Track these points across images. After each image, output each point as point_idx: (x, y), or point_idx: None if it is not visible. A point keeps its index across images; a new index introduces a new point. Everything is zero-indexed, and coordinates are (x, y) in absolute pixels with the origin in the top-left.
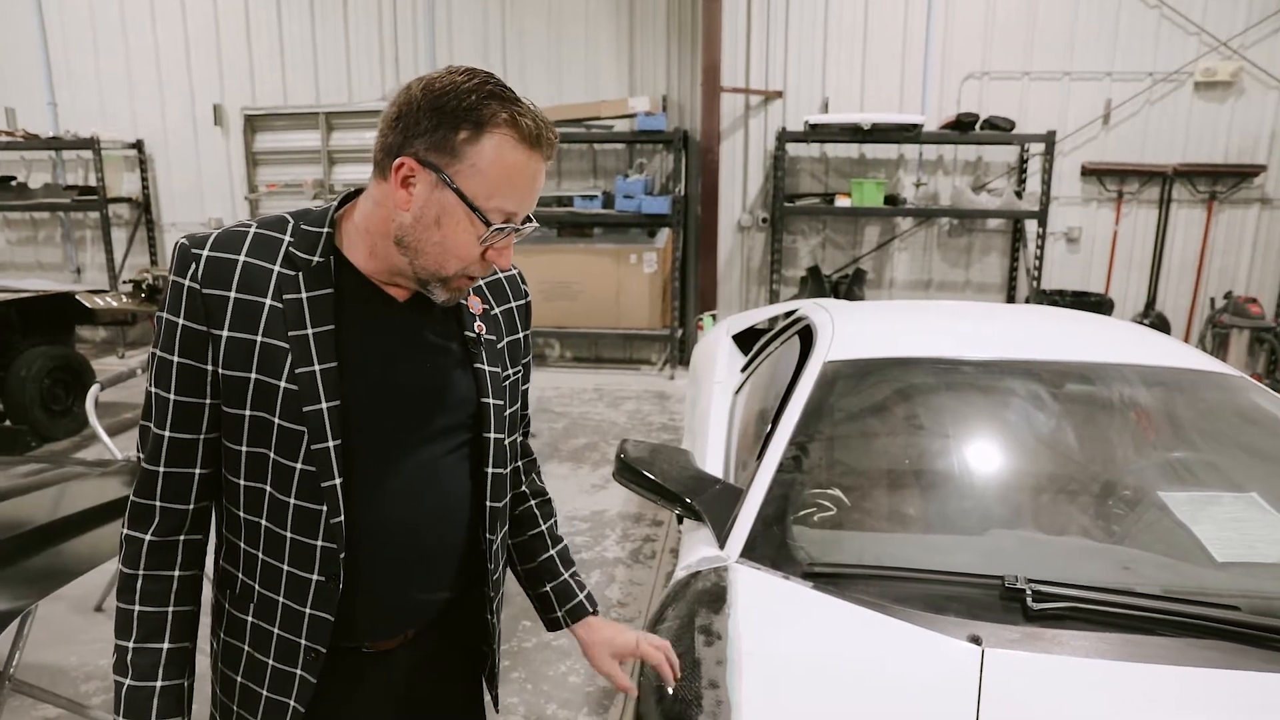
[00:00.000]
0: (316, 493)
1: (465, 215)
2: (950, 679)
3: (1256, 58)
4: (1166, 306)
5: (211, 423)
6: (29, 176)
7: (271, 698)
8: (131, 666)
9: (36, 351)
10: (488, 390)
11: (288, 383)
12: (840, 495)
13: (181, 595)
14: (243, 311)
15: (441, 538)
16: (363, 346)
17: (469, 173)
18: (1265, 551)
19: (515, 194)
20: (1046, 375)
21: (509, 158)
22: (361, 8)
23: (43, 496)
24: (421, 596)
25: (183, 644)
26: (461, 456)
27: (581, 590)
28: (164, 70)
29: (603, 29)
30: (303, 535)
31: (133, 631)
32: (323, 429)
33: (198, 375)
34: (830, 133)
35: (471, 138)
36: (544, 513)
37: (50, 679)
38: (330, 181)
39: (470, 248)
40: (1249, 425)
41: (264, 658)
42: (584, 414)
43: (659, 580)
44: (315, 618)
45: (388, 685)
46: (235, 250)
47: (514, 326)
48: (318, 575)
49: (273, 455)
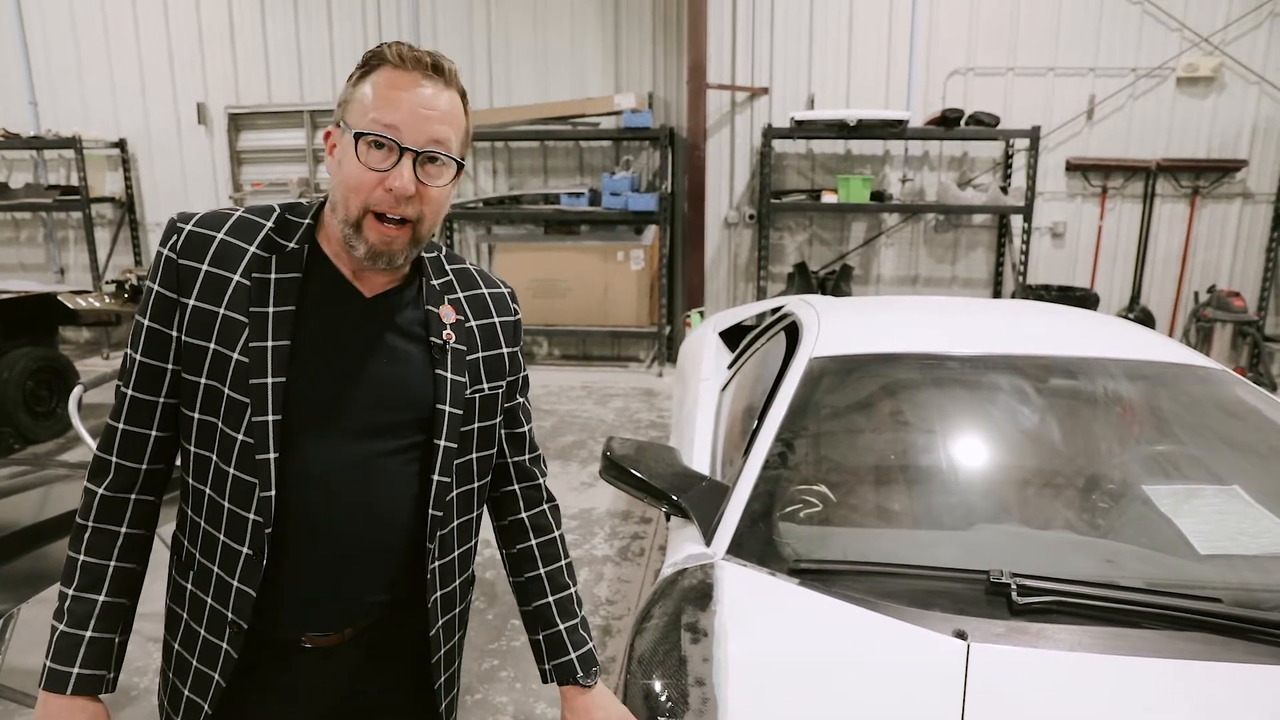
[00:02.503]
0: (252, 465)
1: (350, 144)
2: (936, 673)
3: (1237, 53)
4: (1151, 301)
5: (171, 388)
6: (10, 176)
7: (200, 669)
8: (67, 613)
9: (19, 353)
10: (445, 397)
11: (240, 355)
12: (826, 491)
13: (125, 552)
14: (211, 284)
15: (375, 534)
16: (320, 332)
17: (355, 108)
18: (1247, 544)
19: (391, 107)
20: (1031, 370)
21: (382, 80)
22: (345, 6)
23: (26, 499)
24: (354, 594)
25: (119, 600)
26: (409, 459)
27: (576, 648)
28: (146, 69)
29: (588, 27)
30: (238, 507)
31: (74, 580)
32: (264, 402)
33: (163, 340)
34: (816, 129)
35: (358, 81)
36: (545, 553)
37: (32, 684)
38: (315, 180)
39: (362, 175)
40: (1231, 419)
41: (197, 627)
42: (572, 411)
43: (648, 577)
44: (240, 591)
45: (328, 682)
46: (216, 228)
47: (494, 342)
48: (247, 549)
49: (220, 425)
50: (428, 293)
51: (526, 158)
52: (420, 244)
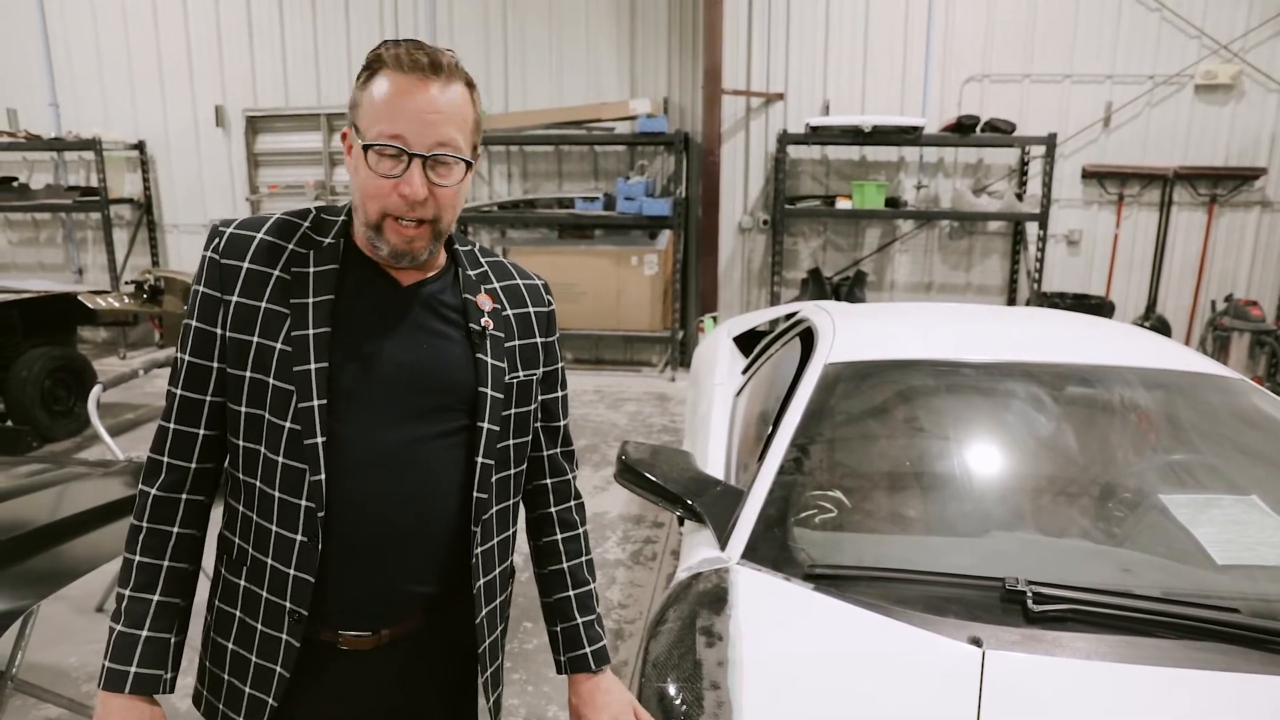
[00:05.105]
0: (301, 451)
1: (361, 151)
2: (951, 680)
3: (1257, 60)
4: (1167, 309)
5: (218, 386)
6: (31, 177)
7: (260, 664)
8: (124, 614)
9: (38, 352)
10: (486, 380)
11: (283, 344)
12: (841, 497)
13: (178, 552)
14: (253, 280)
15: (421, 518)
16: (360, 318)
17: (362, 114)
18: (1265, 554)
19: (396, 115)
20: (1047, 378)
21: (386, 86)
22: (362, 10)
23: (44, 497)
24: (399, 583)
25: (174, 599)
26: (453, 444)
27: (590, 643)
28: (166, 71)
29: (604, 31)
30: (289, 495)
31: (130, 580)
32: (309, 388)
33: (209, 338)
34: (831, 135)
35: (364, 84)
36: (570, 549)
37: (52, 679)
38: (331, 183)
39: (375, 183)
40: (1249, 428)
41: (254, 622)
42: (585, 415)
43: (660, 582)
44: (298, 579)
45: (362, 689)
46: (256, 229)
47: (529, 331)
48: (301, 536)
49: (267, 415)
50: (464, 282)
51: (541, 162)
52: (442, 238)
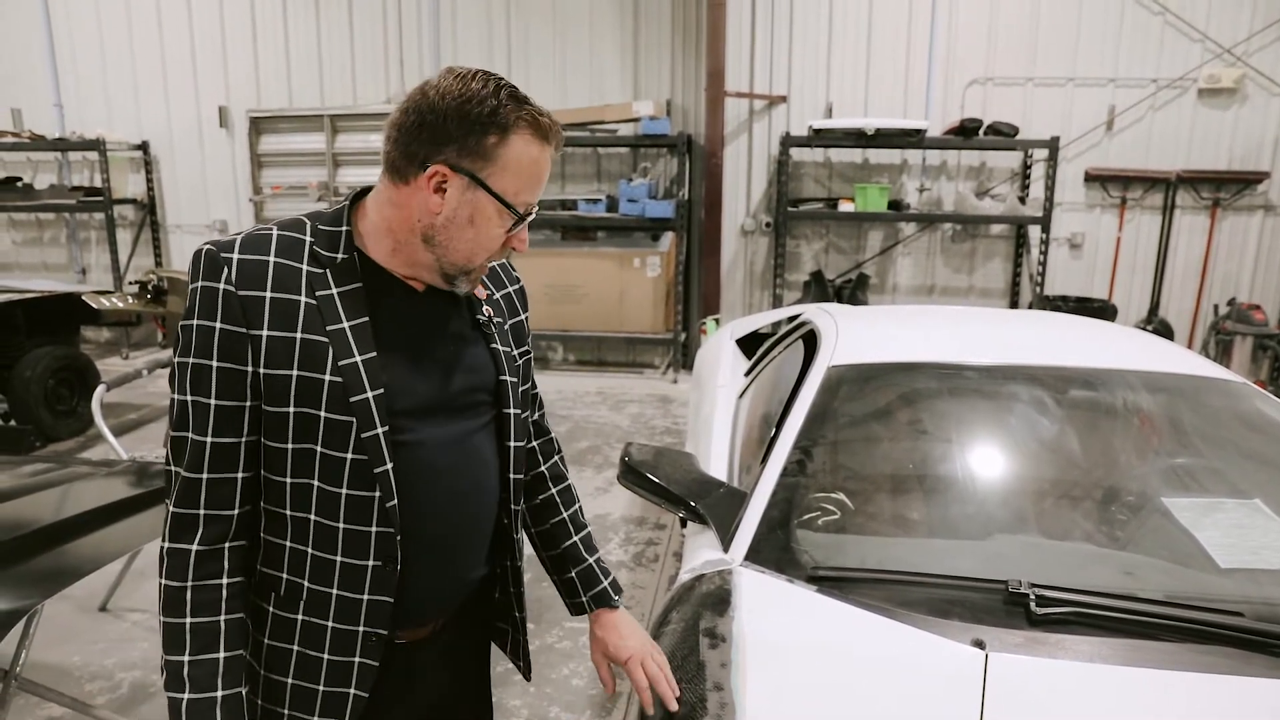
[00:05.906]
0: (369, 480)
1: (497, 212)
2: (954, 683)
3: (1260, 64)
4: (1169, 313)
5: (252, 425)
6: (35, 177)
7: (330, 691)
8: (190, 680)
9: (42, 352)
10: (505, 368)
11: (332, 376)
12: (844, 499)
13: (232, 603)
14: (280, 310)
15: (477, 511)
16: (395, 335)
17: (499, 173)
18: (1268, 558)
19: (536, 186)
20: (1049, 381)
21: (530, 154)
22: (366, 11)
23: (47, 497)
24: (460, 573)
25: (237, 651)
26: (488, 434)
27: (605, 577)
28: (170, 72)
29: (607, 33)
30: (356, 524)
31: (186, 645)
32: (370, 417)
33: (239, 377)
34: (834, 138)
35: (500, 141)
36: (565, 499)
37: (55, 678)
38: (335, 184)
39: (498, 240)
40: (1252, 431)
41: (318, 654)
42: (587, 417)
43: (662, 583)
44: (374, 602)
45: (416, 678)
46: (264, 252)
47: (514, 309)
48: (374, 561)
49: (320, 449)
50: None
51: None
52: None
